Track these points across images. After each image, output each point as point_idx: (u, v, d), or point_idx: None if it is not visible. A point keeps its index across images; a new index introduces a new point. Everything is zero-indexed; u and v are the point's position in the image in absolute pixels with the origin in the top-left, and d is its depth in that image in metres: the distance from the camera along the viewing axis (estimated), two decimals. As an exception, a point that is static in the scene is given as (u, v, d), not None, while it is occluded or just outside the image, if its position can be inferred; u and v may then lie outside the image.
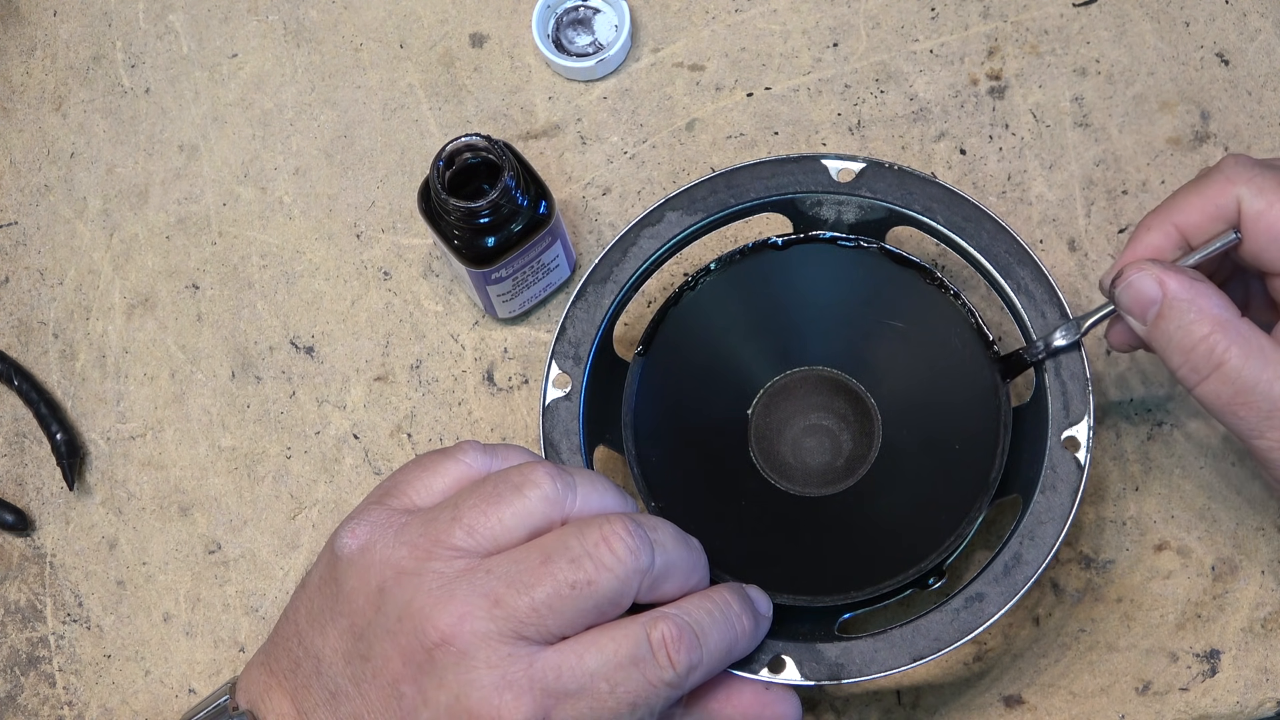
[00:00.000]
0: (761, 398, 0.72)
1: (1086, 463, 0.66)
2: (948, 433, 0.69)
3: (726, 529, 0.69)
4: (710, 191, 0.71)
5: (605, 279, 0.70)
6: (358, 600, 0.60)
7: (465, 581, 0.59)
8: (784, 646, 0.65)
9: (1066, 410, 0.67)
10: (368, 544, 0.61)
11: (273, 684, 0.62)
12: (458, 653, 0.58)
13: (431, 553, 0.60)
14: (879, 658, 0.65)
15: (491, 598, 0.58)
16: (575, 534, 0.59)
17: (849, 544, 0.69)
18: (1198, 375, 0.63)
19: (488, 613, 0.58)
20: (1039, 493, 0.66)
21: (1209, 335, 0.63)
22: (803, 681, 0.64)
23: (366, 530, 0.61)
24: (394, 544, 0.60)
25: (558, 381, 0.69)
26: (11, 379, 0.78)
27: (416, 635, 0.58)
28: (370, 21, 0.82)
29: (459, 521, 0.60)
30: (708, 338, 0.71)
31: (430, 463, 0.63)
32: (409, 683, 0.59)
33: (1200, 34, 0.79)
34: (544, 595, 0.58)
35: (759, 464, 0.71)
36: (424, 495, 0.63)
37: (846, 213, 0.71)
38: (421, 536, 0.60)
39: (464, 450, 0.63)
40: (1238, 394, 0.62)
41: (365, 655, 0.60)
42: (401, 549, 0.60)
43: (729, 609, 0.62)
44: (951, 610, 0.65)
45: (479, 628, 0.58)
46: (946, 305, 0.70)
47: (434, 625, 0.58)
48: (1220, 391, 0.63)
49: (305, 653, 0.62)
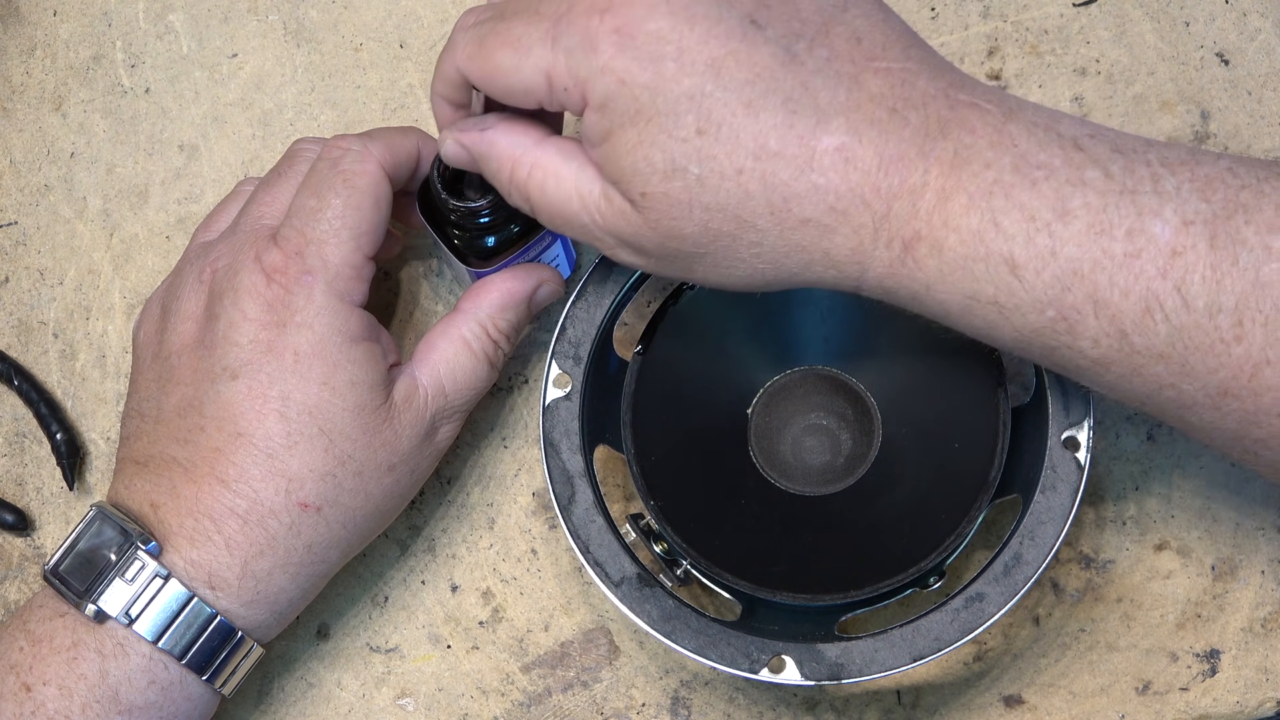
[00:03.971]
0: (761, 397, 0.72)
1: (1086, 463, 0.66)
2: (948, 432, 0.69)
3: (726, 528, 0.69)
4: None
5: (605, 279, 0.70)
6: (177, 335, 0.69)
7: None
8: (784, 646, 0.65)
9: (1066, 410, 0.67)
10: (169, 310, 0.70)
11: (126, 472, 0.68)
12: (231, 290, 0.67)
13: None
14: (879, 658, 0.65)
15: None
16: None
17: (849, 543, 0.69)
18: (527, 205, 0.64)
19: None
20: (1039, 493, 0.66)
21: (512, 175, 0.63)
22: (803, 681, 0.65)
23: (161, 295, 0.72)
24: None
25: (558, 381, 0.69)
26: (11, 379, 0.78)
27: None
28: (370, 21, 0.82)
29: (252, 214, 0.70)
30: (708, 337, 0.71)
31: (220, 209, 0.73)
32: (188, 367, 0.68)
33: (1200, 34, 0.79)
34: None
35: (759, 463, 0.71)
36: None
37: None
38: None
39: (243, 183, 0.73)
40: (556, 219, 0.63)
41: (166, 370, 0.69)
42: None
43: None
44: (952, 610, 0.65)
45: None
46: None
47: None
48: (550, 223, 0.63)
49: (137, 423, 0.69)
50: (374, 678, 0.74)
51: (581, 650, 0.74)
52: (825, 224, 0.58)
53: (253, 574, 0.65)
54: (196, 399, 0.66)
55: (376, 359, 0.67)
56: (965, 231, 0.57)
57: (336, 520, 0.66)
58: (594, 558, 0.67)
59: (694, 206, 0.59)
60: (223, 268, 0.67)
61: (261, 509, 0.65)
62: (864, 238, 0.58)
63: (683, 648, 0.66)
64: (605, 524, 0.68)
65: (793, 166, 0.58)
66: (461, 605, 0.74)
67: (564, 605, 0.74)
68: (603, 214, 0.61)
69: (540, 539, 0.75)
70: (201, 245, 0.70)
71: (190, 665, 0.64)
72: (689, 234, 0.60)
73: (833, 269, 0.60)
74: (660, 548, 0.69)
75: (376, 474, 0.67)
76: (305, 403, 0.65)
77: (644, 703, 0.73)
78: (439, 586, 0.75)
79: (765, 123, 0.57)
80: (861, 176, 0.58)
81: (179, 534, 0.65)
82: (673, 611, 0.66)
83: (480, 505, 0.75)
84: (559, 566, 0.74)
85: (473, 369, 0.69)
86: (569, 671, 0.73)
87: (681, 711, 0.73)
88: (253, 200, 0.70)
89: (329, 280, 0.66)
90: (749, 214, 0.59)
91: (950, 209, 0.57)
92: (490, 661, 0.74)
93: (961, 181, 0.57)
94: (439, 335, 0.70)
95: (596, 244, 0.63)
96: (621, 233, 0.61)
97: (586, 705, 0.73)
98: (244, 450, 0.65)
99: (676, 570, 0.69)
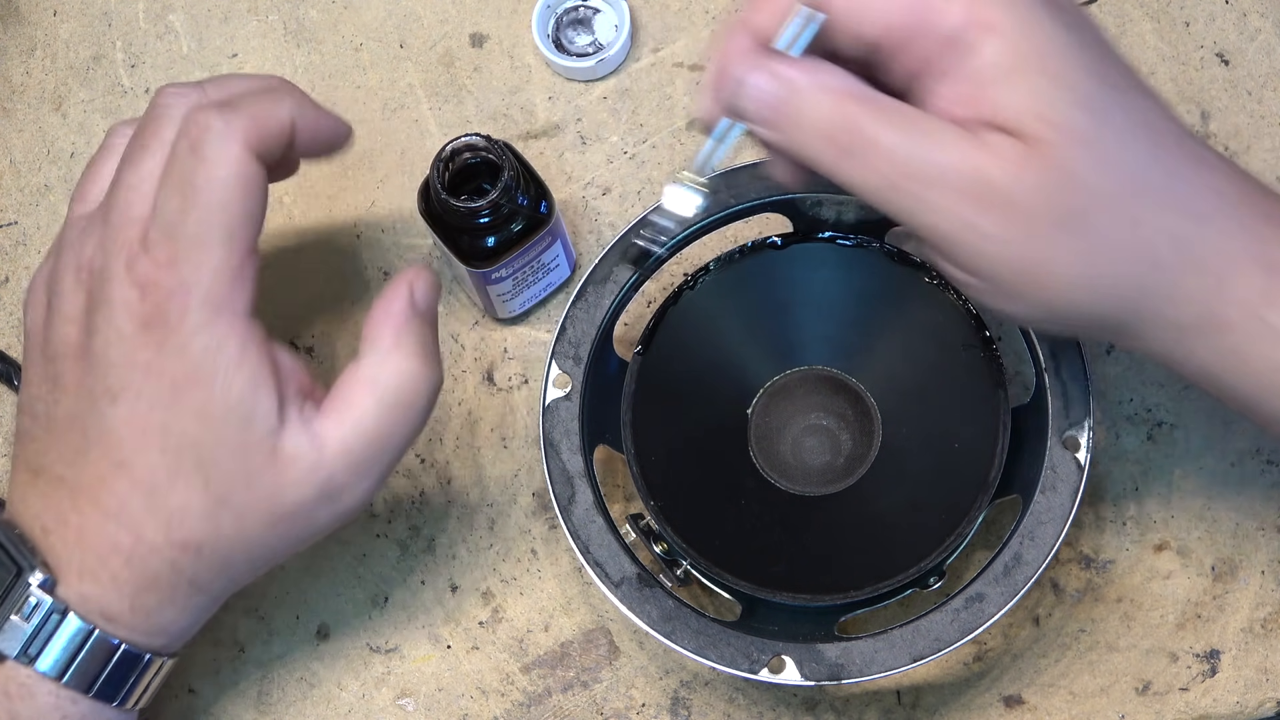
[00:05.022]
0: (761, 397, 0.72)
1: (1086, 463, 0.66)
2: (947, 432, 0.69)
3: (726, 528, 0.69)
4: (710, 192, 0.71)
5: (605, 279, 0.70)
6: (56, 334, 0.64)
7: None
8: (784, 647, 0.65)
9: (1067, 410, 0.67)
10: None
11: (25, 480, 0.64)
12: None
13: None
14: (879, 658, 0.65)
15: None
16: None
17: (849, 543, 0.69)
18: (851, 157, 0.56)
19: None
20: (1039, 493, 0.66)
21: (852, 113, 0.56)
22: (803, 682, 0.65)
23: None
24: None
25: (558, 381, 0.69)
26: (11, 379, 0.78)
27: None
28: (370, 21, 0.82)
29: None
30: (708, 337, 0.71)
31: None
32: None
33: (1200, 34, 0.79)
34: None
35: (759, 463, 0.71)
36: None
37: (846, 213, 0.71)
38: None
39: (113, 133, 0.67)
40: (896, 167, 0.56)
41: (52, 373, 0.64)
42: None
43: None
44: (952, 610, 0.65)
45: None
46: (947, 304, 0.70)
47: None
48: (878, 168, 0.56)
49: (27, 427, 0.65)
50: (374, 678, 0.74)
51: (581, 650, 0.74)
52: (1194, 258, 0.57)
53: (143, 608, 0.62)
54: (80, 416, 0.62)
55: (263, 386, 0.60)
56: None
57: (216, 560, 0.62)
58: (594, 558, 0.67)
59: (1103, 145, 0.55)
60: (98, 270, 0.62)
61: (144, 547, 0.61)
62: (1215, 298, 0.57)
63: (682, 648, 0.66)
64: (605, 524, 0.68)
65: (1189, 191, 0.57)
66: (461, 605, 0.74)
67: (564, 605, 0.74)
68: (975, 164, 0.55)
69: (540, 539, 0.75)
70: (79, 224, 0.65)
71: (99, 696, 0.62)
72: (1087, 181, 0.55)
73: (1168, 303, 0.57)
74: (660, 548, 0.69)
75: (258, 524, 0.62)
76: (184, 434, 0.60)
77: (644, 703, 0.73)
78: (439, 587, 0.75)
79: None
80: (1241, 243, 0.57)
81: (69, 566, 0.62)
82: (672, 612, 0.66)
83: (480, 505, 0.75)
84: (559, 567, 0.74)
85: (399, 411, 0.62)
86: (569, 672, 0.73)
87: (681, 712, 0.73)
88: (120, 181, 0.63)
89: (204, 293, 0.60)
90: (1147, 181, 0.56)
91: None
92: (490, 662, 0.74)
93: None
94: (352, 379, 0.63)
95: (927, 207, 0.56)
96: (994, 180, 0.55)
97: (586, 705, 0.73)
98: (125, 482, 0.61)
99: (676, 570, 0.69)
